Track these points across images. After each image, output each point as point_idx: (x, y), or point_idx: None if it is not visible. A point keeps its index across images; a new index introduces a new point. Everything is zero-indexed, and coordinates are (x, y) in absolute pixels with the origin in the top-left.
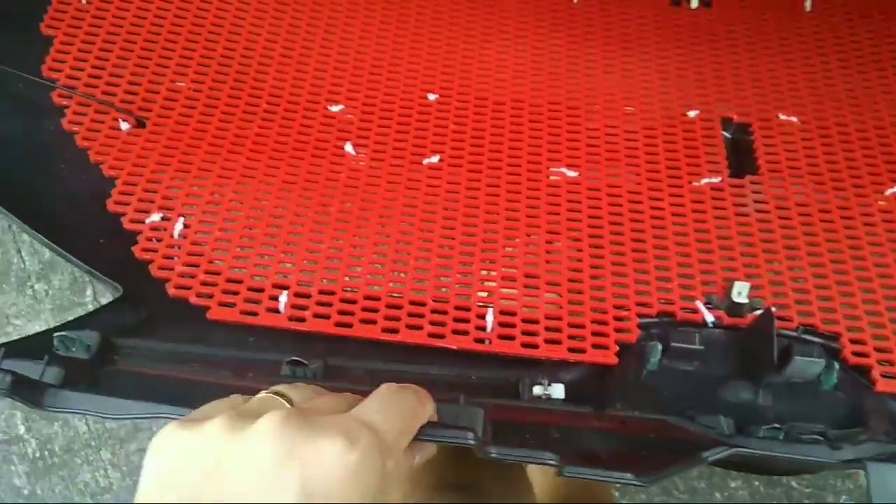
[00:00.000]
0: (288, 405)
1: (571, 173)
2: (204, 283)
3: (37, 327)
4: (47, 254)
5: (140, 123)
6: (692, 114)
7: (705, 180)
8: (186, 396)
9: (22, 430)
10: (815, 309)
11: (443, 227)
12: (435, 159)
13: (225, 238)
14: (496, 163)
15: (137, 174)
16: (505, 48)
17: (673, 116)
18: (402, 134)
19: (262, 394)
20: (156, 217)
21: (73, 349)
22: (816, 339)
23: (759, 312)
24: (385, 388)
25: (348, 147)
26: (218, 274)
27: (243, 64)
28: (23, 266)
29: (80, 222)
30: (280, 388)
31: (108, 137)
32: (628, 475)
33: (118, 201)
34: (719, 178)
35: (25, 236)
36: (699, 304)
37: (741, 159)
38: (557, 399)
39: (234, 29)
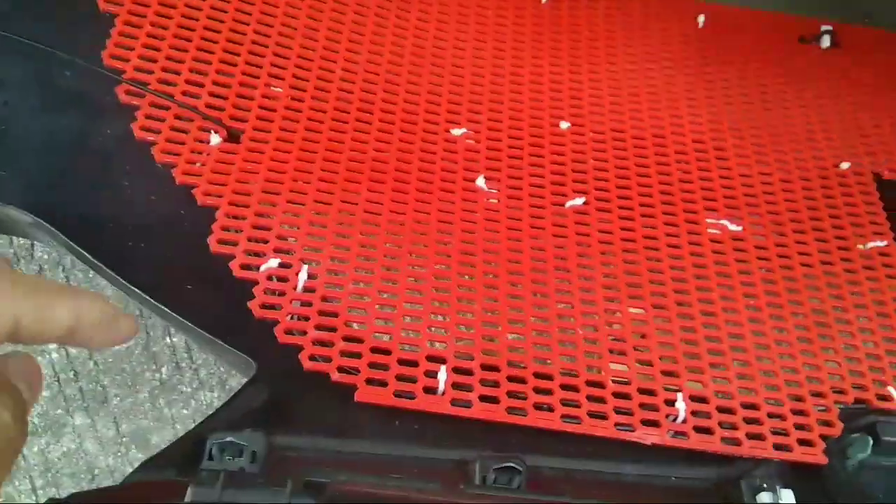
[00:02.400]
0: None
1: (734, 227)
2: (345, 354)
3: None
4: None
5: (233, 137)
6: (844, 166)
7: (871, 244)
8: None
9: None
10: None
11: (604, 288)
12: (579, 202)
13: (359, 293)
14: (648, 209)
15: (241, 204)
16: (635, 76)
17: (825, 168)
18: (537, 168)
19: None
20: (273, 263)
21: (232, 458)
22: None
23: None
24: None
25: (480, 181)
26: (360, 341)
27: (347, 70)
28: None
29: (161, 262)
30: None
31: (193, 153)
32: None
33: (222, 239)
34: (885, 242)
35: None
36: (892, 391)
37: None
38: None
39: (333, 27)
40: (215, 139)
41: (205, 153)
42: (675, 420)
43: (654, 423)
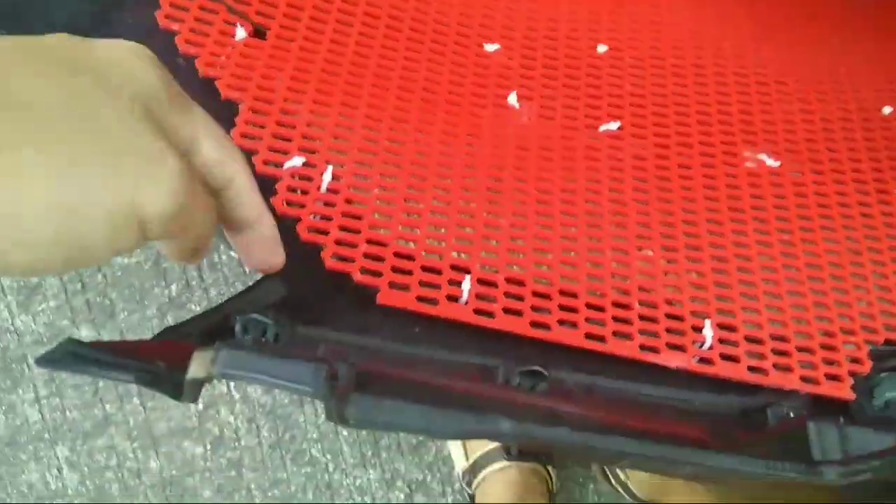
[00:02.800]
0: None
1: (772, 162)
2: (368, 256)
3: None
4: None
5: (259, 33)
6: (886, 111)
7: None
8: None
9: None
10: None
11: (638, 213)
12: (613, 126)
13: (386, 199)
14: (685, 138)
15: (266, 100)
16: (678, 4)
17: (866, 110)
18: (572, 90)
19: None
20: (297, 161)
21: (254, 334)
22: None
23: None
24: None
25: (512, 98)
26: (384, 245)
27: None
28: None
29: None
30: None
31: (218, 45)
32: None
33: (246, 133)
34: None
35: None
36: None
37: None
38: None
39: None
40: (241, 33)
41: (230, 47)
42: (701, 346)
43: (679, 348)
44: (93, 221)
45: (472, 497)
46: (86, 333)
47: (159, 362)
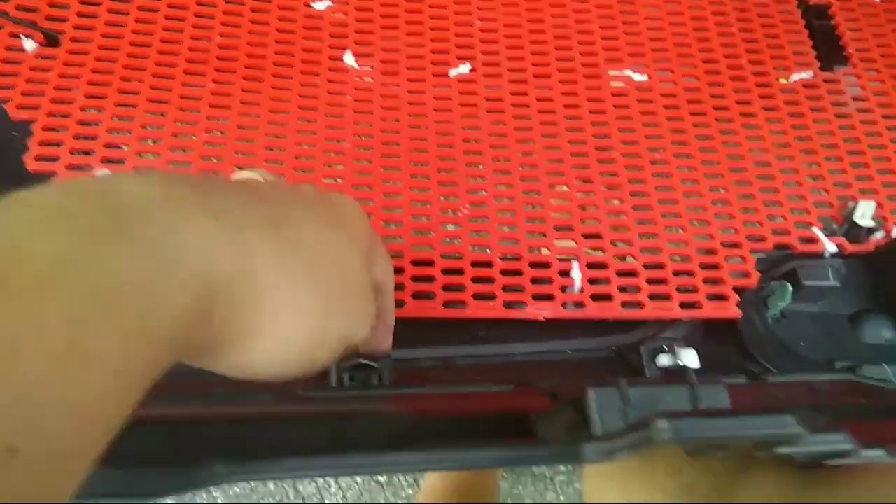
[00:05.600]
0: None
1: (639, 76)
2: None
3: None
4: None
5: (51, 40)
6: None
7: (796, 76)
8: None
9: None
10: None
11: (494, 161)
12: (465, 69)
13: None
14: (543, 69)
15: (62, 114)
16: None
17: None
18: (416, 37)
19: (247, 173)
20: (104, 174)
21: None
22: None
23: (879, 236)
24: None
25: (348, 57)
26: None
27: None
28: None
29: None
30: (253, 172)
31: (6, 63)
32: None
33: (41, 156)
34: (811, 73)
35: None
36: (817, 232)
37: (827, 49)
38: (690, 369)
39: None
40: (30, 45)
41: (20, 62)
42: (569, 291)
43: (547, 297)
44: (329, 347)
45: None
46: None
47: None
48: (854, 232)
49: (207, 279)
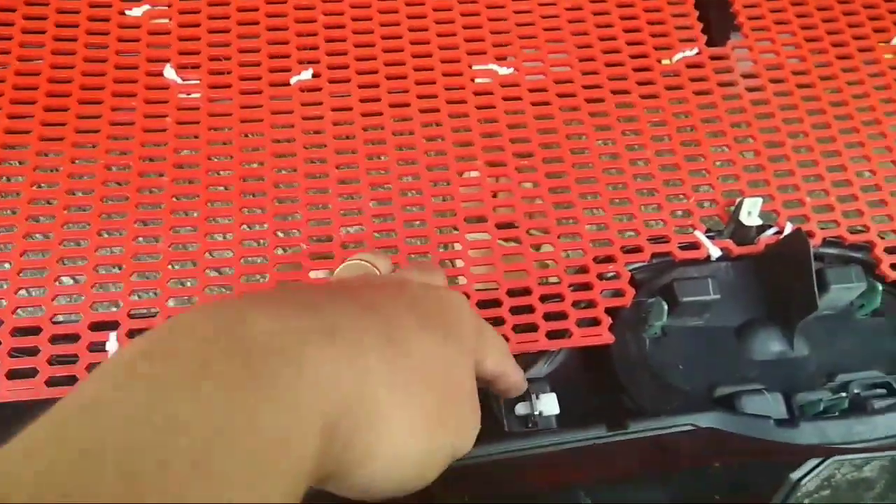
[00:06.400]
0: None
1: (504, 70)
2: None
3: None
4: None
5: None
6: None
7: (679, 55)
8: None
9: None
10: (839, 215)
11: (339, 182)
12: (307, 75)
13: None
14: (398, 69)
15: None
16: None
17: None
18: (250, 42)
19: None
20: None
21: None
22: (852, 255)
23: (770, 234)
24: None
25: (169, 72)
26: None
27: None
28: None
29: None
30: (366, 255)
31: None
32: None
33: None
34: (696, 50)
35: None
36: (699, 236)
37: (716, 19)
38: (550, 416)
39: None
40: None
41: None
42: None
43: None
44: (439, 464)
45: None
46: None
47: None
48: (742, 232)
49: (334, 410)
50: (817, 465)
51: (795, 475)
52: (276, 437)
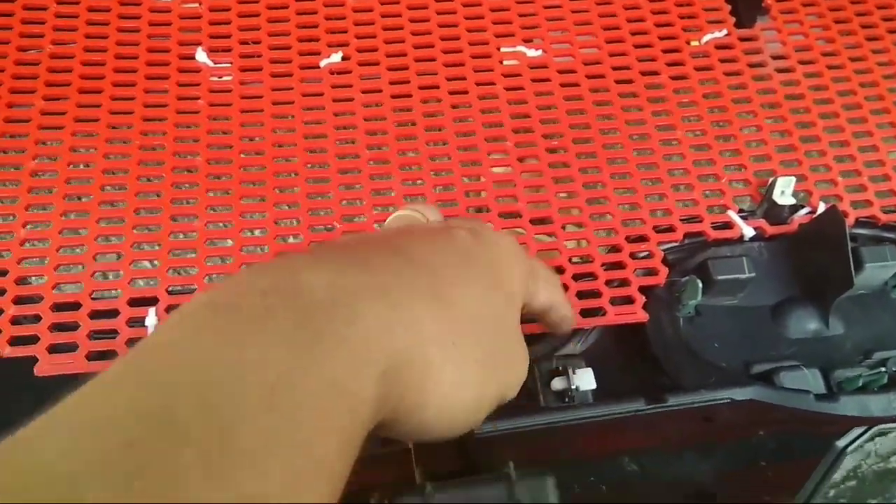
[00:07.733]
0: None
1: (533, 52)
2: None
3: None
4: None
5: None
6: None
7: (708, 37)
8: None
9: None
10: (872, 195)
11: (371, 162)
12: (336, 58)
13: (32, 237)
14: (427, 51)
15: None
16: None
17: None
18: (280, 24)
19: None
20: None
21: None
22: (886, 236)
23: (803, 213)
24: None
25: (201, 56)
26: (38, 300)
27: None
28: None
29: None
30: (417, 206)
31: None
32: None
33: None
34: (724, 31)
35: None
36: (732, 216)
37: (744, 2)
38: (587, 391)
39: None
40: None
41: None
42: None
43: None
44: (486, 407)
45: None
46: None
47: None
48: (775, 211)
49: (388, 363)
50: (861, 434)
51: (841, 443)
52: (335, 381)
